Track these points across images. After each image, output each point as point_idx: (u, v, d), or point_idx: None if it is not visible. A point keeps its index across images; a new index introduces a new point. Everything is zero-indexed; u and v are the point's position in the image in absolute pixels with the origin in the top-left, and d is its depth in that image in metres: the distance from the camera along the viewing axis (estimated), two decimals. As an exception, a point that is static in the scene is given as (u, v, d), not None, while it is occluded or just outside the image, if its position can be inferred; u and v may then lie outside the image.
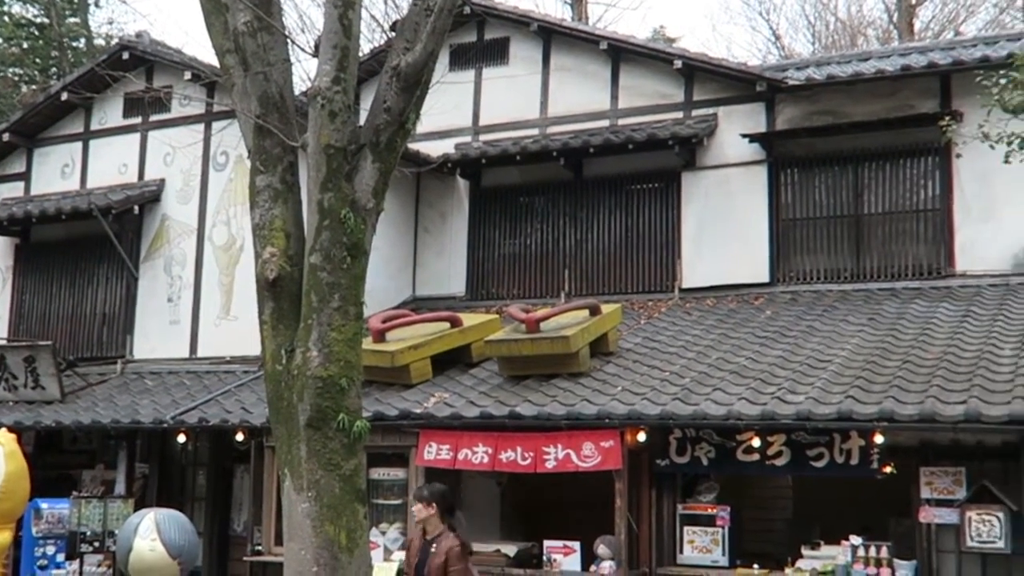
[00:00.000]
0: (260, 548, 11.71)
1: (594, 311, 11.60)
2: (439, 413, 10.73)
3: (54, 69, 25.57)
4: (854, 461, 9.58)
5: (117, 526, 11.76)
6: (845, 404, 9.12)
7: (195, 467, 14.03)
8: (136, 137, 15.50)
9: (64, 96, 15.53)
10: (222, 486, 13.71)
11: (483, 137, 14.70)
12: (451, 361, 12.00)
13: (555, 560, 10.47)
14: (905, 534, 9.72)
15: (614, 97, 14.20)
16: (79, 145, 16.01)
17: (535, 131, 14.47)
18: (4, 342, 15.12)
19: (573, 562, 10.41)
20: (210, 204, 14.73)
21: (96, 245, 15.14)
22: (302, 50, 8.21)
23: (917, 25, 25.94)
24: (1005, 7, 25.90)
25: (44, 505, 11.97)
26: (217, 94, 14.16)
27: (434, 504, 7.45)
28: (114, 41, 15.92)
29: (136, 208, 14.85)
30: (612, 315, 11.76)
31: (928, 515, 9.44)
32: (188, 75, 14.66)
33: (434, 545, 7.28)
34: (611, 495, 10.15)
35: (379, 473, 11.18)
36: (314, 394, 7.15)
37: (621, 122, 14.00)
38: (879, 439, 9.38)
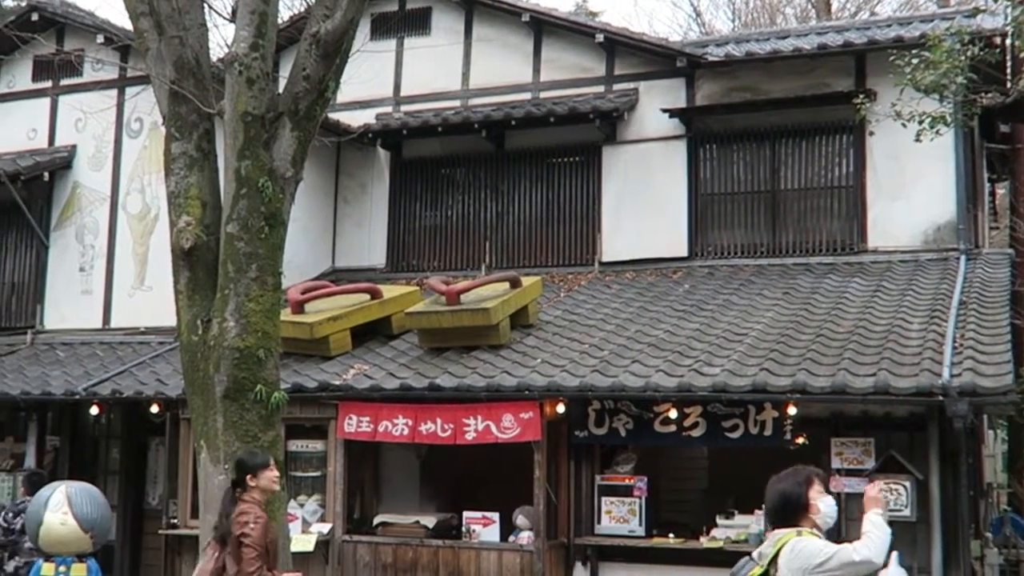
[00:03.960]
0: (176, 521, 11.57)
1: (514, 284, 11.62)
2: (359, 385, 10.68)
3: (-41, 30, 24.71)
4: (768, 432, 9.77)
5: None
6: (760, 376, 9.29)
7: (108, 440, 13.78)
8: (46, 101, 15.07)
9: (-31, 58, 15.06)
10: (136, 459, 13.49)
11: (404, 108, 14.59)
12: (371, 333, 11.95)
13: (474, 531, 10.52)
14: (816, 503, 9.93)
15: (536, 70, 14.18)
16: (-15, 109, 15.54)
17: (457, 102, 14.39)
18: (-93, 311, 14.68)
19: (492, 533, 10.47)
20: (124, 172, 14.40)
21: (4, 212, 14.72)
22: (219, 15, 8.09)
23: (834, 5, 26.32)
24: (919, -12, 26.42)
25: (-50, 479, 11.68)
26: (131, 58, 13.86)
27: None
28: (23, 2, 15.42)
29: (46, 175, 14.45)
30: (532, 288, 11.80)
31: (839, 484, 9.65)
32: (101, 38, 14.30)
33: None
34: (530, 466, 10.22)
35: (298, 445, 11.10)
36: (231, 365, 7.08)
37: (543, 95, 14.00)
38: (792, 410, 9.58)
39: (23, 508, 9.76)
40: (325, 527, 10.79)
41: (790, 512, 4.30)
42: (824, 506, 4.40)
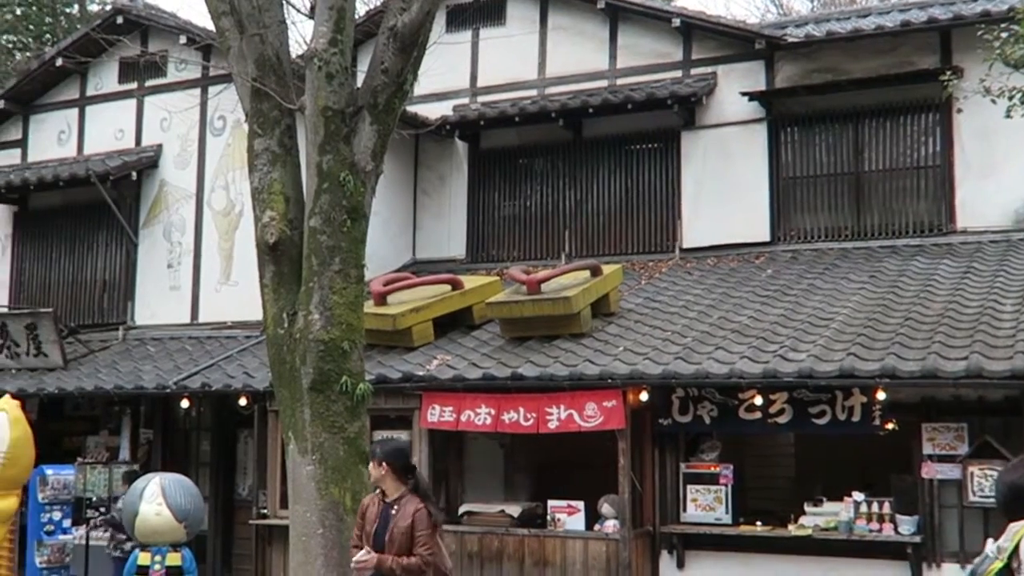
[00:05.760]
0: (265, 511, 11.78)
1: (595, 272, 11.59)
2: (442, 375, 10.75)
3: (48, 35, 25.39)
4: (856, 418, 9.59)
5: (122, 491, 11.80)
6: (847, 361, 9.13)
7: (199, 432, 14.07)
8: (132, 102, 15.40)
9: (59, 62, 15.43)
10: (226, 451, 13.76)
11: (481, 99, 14.62)
12: (452, 323, 12.01)
13: (559, 520, 10.53)
14: (907, 490, 9.77)
15: (612, 57, 14.11)
16: (75, 111, 15.92)
17: (533, 92, 14.38)
18: (5, 310, 15.13)
19: (577, 521, 10.47)
20: (208, 169, 14.67)
21: (95, 212, 15.10)
22: (298, 11, 8.16)
23: (917, -20, 25.69)
24: (1005, -39, 25.64)
25: (49, 472, 12.02)
26: (213, 58, 14.08)
27: (385, 463, 6.24)
28: (108, 6, 15.78)
29: (134, 174, 14.78)
30: (613, 276, 11.76)
31: (930, 471, 9.47)
32: (183, 39, 14.57)
33: (395, 508, 6.18)
34: (614, 455, 10.19)
35: (383, 435, 11.20)
36: (316, 357, 7.17)
37: (620, 82, 13.92)
38: (881, 396, 9.39)
39: None
40: (411, 516, 10.86)
41: (1022, 504, 4.17)
42: None
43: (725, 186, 13.23)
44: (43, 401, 13.99)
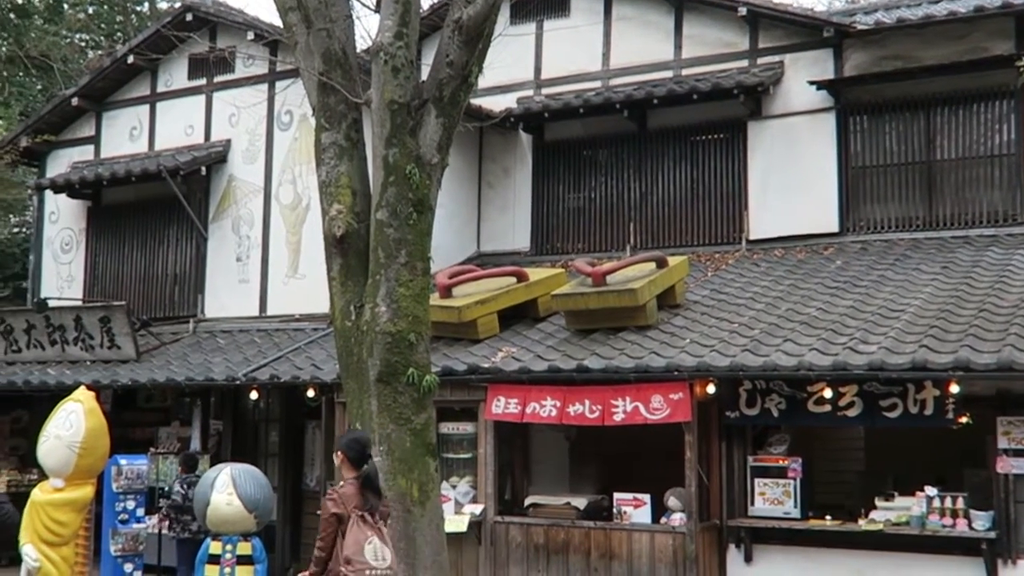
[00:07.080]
0: (333, 502, 11.86)
1: (660, 264, 11.52)
2: (507, 367, 10.77)
3: (119, 33, 25.84)
4: (928, 411, 9.42)
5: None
6: (919, 354, 8.97)
7: (267, 423, 14.25)
8: (201, 98, 15.61)
9: (130, 59, 15.70)
10: (294, 442, 13.91)
11: (545, 91, 14.60)
12: (518, 316, 12.03)
13: (625, 512, 10.50)
14: (981, 485, 9.58)
15: (677, 47, 14.00)
16: (146, 108, 16.17)
17: (598, 83, 14.33)
18: (80, 303, 15.45)
19: (643, 514, 10.42)
20: (276, 163, 14.81)
21: (166, 206, 15.34)
22: (364, 6, 8.21)
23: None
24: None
25: (123, 461, 12.25)
26: (280, 53, 14.22)
27: (341, 452, 6.49)
28: (178, 3, 16.02)
29: (203, 169, 14.99)
30: (679, 267, 11.68)
31: (1005, 465, 9.28)
32: (251, 35, 14.73)
33: None
34: (681, 448, 10.13)
35: (448, 427, 11.25)
36: (383, 349, 7.22)
37: (685, 72, 13.81)
38: (954, 389, 9.21)
39: (192, 481, 10.41)
40: (477, 508, 10.93)
41: None
42: None
43: (793, 176, 13.08)
44: (117, 392, 14.29)
